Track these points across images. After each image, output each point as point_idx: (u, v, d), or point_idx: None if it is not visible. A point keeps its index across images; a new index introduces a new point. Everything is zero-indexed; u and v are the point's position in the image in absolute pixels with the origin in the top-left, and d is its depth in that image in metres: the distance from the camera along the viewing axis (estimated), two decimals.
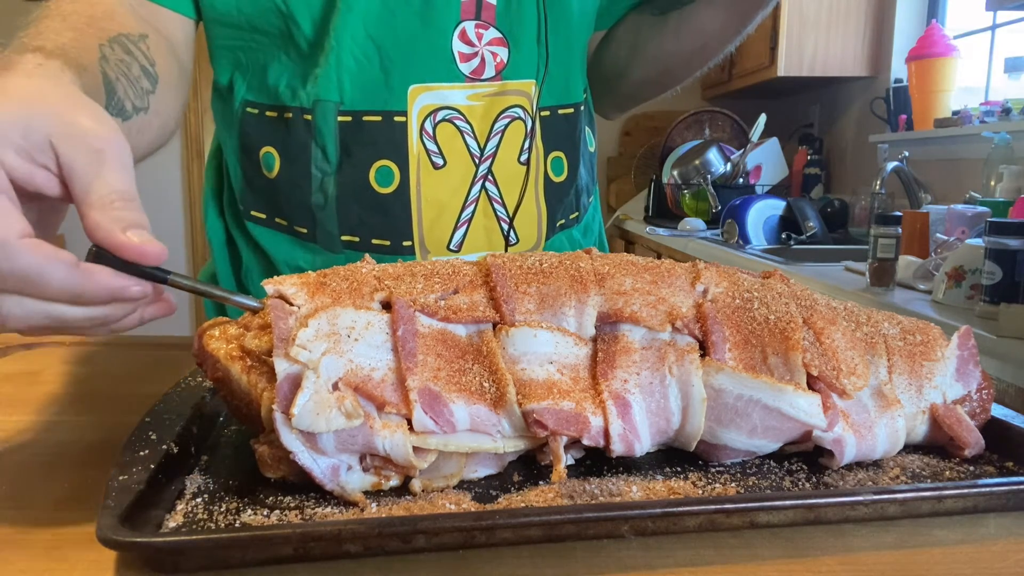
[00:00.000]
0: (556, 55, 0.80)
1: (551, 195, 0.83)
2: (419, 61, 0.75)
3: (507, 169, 0.79)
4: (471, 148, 0.77)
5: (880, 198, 2.36)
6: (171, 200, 3.44)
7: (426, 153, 0.76)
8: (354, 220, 0.78)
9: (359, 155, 0.76)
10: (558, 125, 0.83)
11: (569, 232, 0.88)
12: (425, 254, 0.79)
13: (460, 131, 0.77)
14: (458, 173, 0.78)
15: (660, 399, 0.48)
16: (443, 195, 0.78)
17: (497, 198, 0.79)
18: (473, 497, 0.44)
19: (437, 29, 0.75)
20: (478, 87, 0.77)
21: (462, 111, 0.77)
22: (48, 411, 0.62)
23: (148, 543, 0.36)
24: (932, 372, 0.53)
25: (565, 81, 0.83)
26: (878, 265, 1.66)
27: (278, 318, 0.44)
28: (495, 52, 0.77)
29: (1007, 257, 1.28)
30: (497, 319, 0.48)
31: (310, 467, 0.42)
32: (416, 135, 0.76)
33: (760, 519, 0.42)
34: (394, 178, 0.77)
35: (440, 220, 0.78)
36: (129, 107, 0.63)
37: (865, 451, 0.49)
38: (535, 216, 0.82)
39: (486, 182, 0.79)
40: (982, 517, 0.44)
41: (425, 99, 0.76)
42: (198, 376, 0.57)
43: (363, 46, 0.74)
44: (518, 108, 0.79)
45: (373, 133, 0.76)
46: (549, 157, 0.83)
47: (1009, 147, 2.06)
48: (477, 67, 0.77)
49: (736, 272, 0.55)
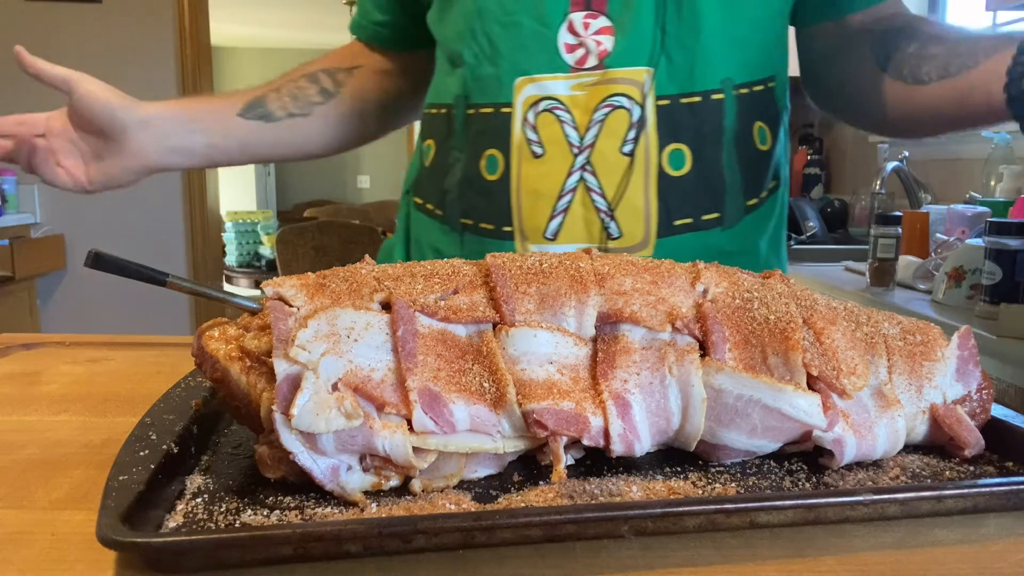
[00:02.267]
0: (678, 40, 0.76)
1: (667, 190, 0.78)
2: (526, 55, 0.78)
3: (607, 159, 0.77)
4: (570, 138, 0.78)
5: (880, 198, 2.36)
6: (171, 200, 3.44)
7: (527, 142, 0.78)
8: (468, 204, 0.83)
9: (474, 144, 0.82)
10: (679, 115, 0.78)
11: (703, 235, 0.80)
12: (523, 240, 0.80)
13: (560, 121, 0.78)
14: (555, 162, 0.78)
15: (660, 399, 0.48)
16: (540, 184, 0.79)
17: (596, 189, 0.78)
18: (473, 497, 0.44)
19: (545, 22, 0.77)
20: (581, 76, 0.77)
21: (563, 101, 0.77)
22: (48, 411, 0.62)
23: (148, 543, 0.36)
24: (932, 372, 0.53)
25: (690, 68, 0.77)
26: (878, 265, 1.66)
27: (277, 319, 0.44)
28: (599, 40, 0.76)
29: (1007, 257, 1.28)
30: (497, 319, 0.48)
31: (310, 467, 0.42)
32: (519, 125, 0.78)
33: (760, 519, 0.42)
34: (499, 166, 0.80)
35: (537, 208, 0.79)
36: (280, 114, 0.93)
37: (865, 451, 0.49)
38: (641, 211, 0.78)
39: (584, 172, 0.78)
40: (982, 517, 0.44)
41: (530, 90, 0.78)
42: (198, 376, 0.57)
43: (480, 43, 0.79)
44: (622, 97, 0.77)
45: (485, 124, 0.81)
46: (666, 149, 0.78)
47: (1009, 147, 2.06)
48: (581, 57, 0.77)
49: (736, 272, 0.55)
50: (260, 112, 0.92)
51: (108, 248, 0.45)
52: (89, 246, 0.42)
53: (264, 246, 5.63)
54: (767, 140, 0.83)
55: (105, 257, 0.41)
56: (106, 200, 3.34)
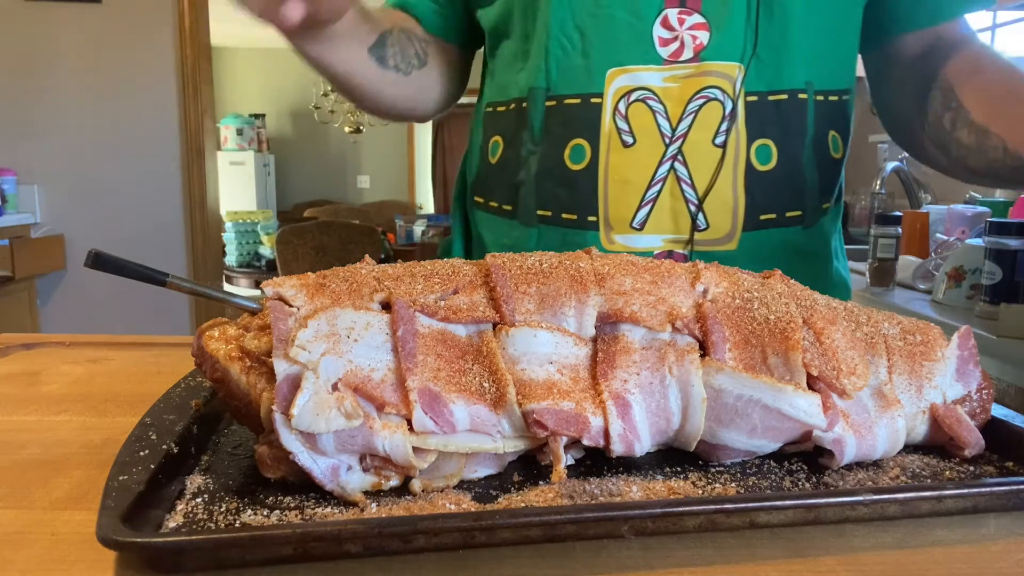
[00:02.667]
0: (767, 40, 0.78)
1: (753, 184, 0.80)
2: (619, 47, 0.78)
3: (699, 150, 0.79)
4: (662, 128, 0.78)
5: (880, 198, 2.36)
6: (171, 200, 3.43)
7: (617, 132, 0.79)
8: (548, 195, 0.83)
9: (557, 134, 0.81)
10: (766, 111, 0.80)
11: (785, 232, 0.82)
12: (608, 231, 0.80)
13: (652, 111, 0.78)
14: (646, 152, 0.79)
15: (660, 399, 0.48)
16: (629, 173, 0.79)
17: (687, 179, 0.79)
18: (473, 497, 0.44)
19: (640, 16, 0.78)
20: (675, 68, 0.78)
21: (656, 92, 0.78)
22: (48, 411, 0.62)
23: (148, 543, 0.36)
24: (932, 372, 0.53)
25: (778, 67, 0.79)
26: (878, 265, 1.66)
27: (277, 319, 0.44)
28: (695, 35, 0.77)
29: (1007, 257, 1.28)
30: (497, 319, 0.48)
31: (310, 467, 0.42)
32: (610, 115, 0.79)
33: (760, 519, 0.42)
34: (585, 155, 0.80)
35: (624, 197, 0.79)
36: (391, 62, 0.87)
37: (865, 451, 0.49)
38: (730, 203, 0.79)
39: (675, 162, 0.78)
40: (982, 517, 0.44)
41: (621, 81, 0.78)
42: (198, 376, 0.57)
43: (569, 35, 0.80)
44: (715, 89, 0.78)
45: (571, 114, 0.81)
46: (754, 144, 0.80)
47: None
48: (676, 50, 0.78)
49: (736, 272, 0.55)
50: (379, 54, 0.87)
51: (108, 248, 0.45)
52: (89, 246, 0.42)
53: (264, 246, 5.63)
54: (839, 149, 0.86)
55: (105, 257, 0.41)
56: (106, 200, 3.34)
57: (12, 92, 3.25)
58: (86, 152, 3.32)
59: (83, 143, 3.31)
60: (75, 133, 3.31)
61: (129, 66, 3.30)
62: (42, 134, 3.29)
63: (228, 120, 7.18)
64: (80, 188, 3.32)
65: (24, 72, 3.24)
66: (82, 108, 3.30)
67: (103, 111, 3.31)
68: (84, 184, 3.32)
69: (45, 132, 3.29)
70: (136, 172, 3.37)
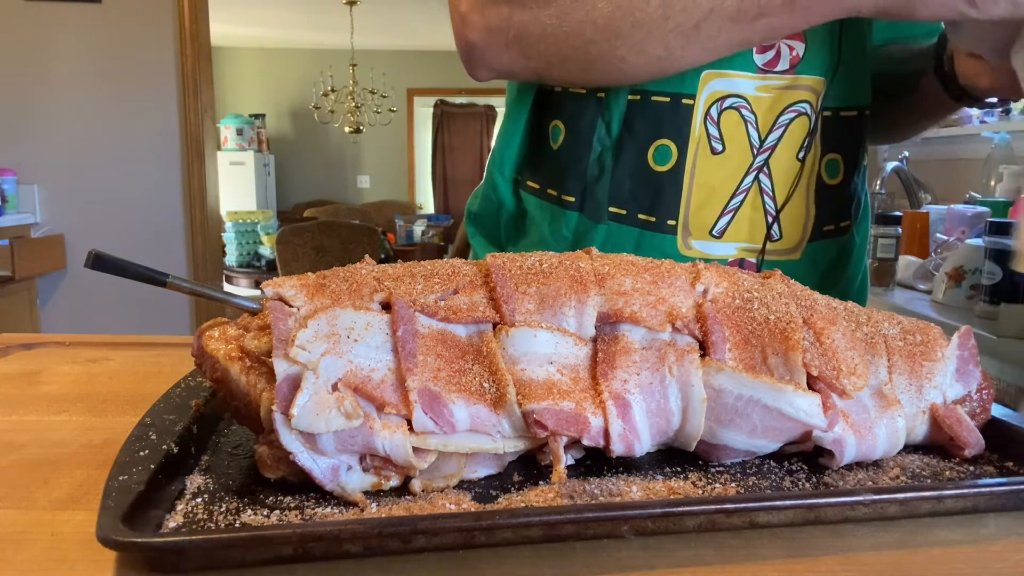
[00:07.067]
0: (848, 55, 0.79)
1: (822, 197, 0.82)
2: None
3: (783, 163, 0.79)
4: (752, 138, 0.78)
5: (880, 198, 2.36)
6: (171, 200, 3.44)
7: (707, 137, 0.78)
8: (625, 194, 0.81)
9: (641, 132, 0.79)
10: (838, 127, 0.81)
11: (838, 240, 0.85)
12: (687, 236, 0.80)
13: (744, 120, 0.78)
14: (735, 161, 0.78)
15: (660, 399, 0.48)
16: (715, 180, 0.78)
17: (768, 191, 0.79)
18: (473, 497, 0.44)
19: None
20: (769, 79, 0.78)
21: (749, 100, 0.78)
22: (48, 411, 0.62)
23: (148, 543, 0.36)
24: (932, 372, 0.53)
25: (852, 83, 0.81)
26: (878, 265, 1.66)
27: (277, 319, 0.44)
28: (792, 46, 0.77)
29: (1007, 257, 1.28)
30: (497, 319, 0.48)
31: (310, 467, 0.42)
32: (700, 119, 0.77)
33: (760, 519, 0.42)
34: (671, 157, 0.79)
35: (708, 204, 0.79)
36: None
37: (865, 451, 0.49)
38: (802, 215, 0.81)
39: (760, 173, 0.79)
40: (982, 517, 0.44)
41: (715, 85, 0.77)
42: (198, 376, 0.57)
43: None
44: (805, 104, 0.78)
45: (659, 112, 0.78)
46: (825, 158, 0.81)
47: (1009, 147, 2.06)
48: (771, 59, 0.77)
49: (736, 272, 0.55)
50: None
51: (108, 248, 0.45)
52: (89, 246, 0.42)
53: (264, 246, 5.63)
54: (866, 157, 0.91)
55: (105, 257, 0.41)
56: (106, 200, 3.34)
57: (12, 92, 3.25)
58: (86, 152, 3.32)
59: (83, 143, 3.32)
60: (75, 133, 3.31)
61: (129, 66, 3.31)
62: (42, 134, 3.29)
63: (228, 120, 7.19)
64: (80, 188, 3.32)
65: (24, 72, 3.25)
66: (82, 108, 3.30)
67: (103, 111, 3.32)
68: (84, 184, 3.32)
69: (45, 132, 3.29)
70: (136, 172, 3.37)
